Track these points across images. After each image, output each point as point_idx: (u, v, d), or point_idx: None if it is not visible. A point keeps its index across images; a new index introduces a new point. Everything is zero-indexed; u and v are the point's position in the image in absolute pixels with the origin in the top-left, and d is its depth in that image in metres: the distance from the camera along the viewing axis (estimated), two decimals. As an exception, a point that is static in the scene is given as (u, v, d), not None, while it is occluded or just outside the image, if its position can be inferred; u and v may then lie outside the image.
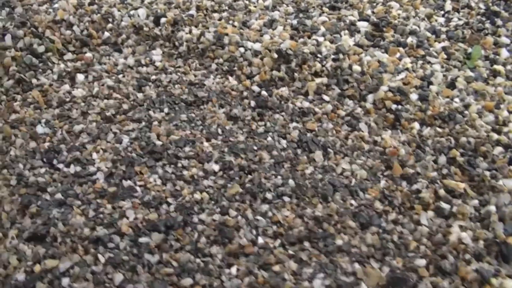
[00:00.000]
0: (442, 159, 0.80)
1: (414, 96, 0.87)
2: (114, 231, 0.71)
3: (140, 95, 0.92)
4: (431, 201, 0.75)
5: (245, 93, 0.93)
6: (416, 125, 0.85)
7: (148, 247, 0.69)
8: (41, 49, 0.98)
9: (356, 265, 0.67)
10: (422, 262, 0.67)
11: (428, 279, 0.66)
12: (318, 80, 0.92)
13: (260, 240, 0.70)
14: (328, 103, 0.89)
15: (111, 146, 0.82)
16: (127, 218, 0.72)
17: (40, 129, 0.85)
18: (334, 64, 0.92)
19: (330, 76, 0.92)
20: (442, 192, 0.75)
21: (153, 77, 0.96)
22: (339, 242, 0.70)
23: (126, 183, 0.77)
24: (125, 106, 0.90)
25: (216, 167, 0.79)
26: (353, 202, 0.75)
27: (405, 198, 0.76)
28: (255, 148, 0.83)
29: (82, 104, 0.90)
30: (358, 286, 0.65)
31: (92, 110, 0.89)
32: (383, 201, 0.76)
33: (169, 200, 0.75)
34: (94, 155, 0.81)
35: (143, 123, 0.87)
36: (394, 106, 0.87)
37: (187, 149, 0.82)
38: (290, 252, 0.69)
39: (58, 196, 0.75)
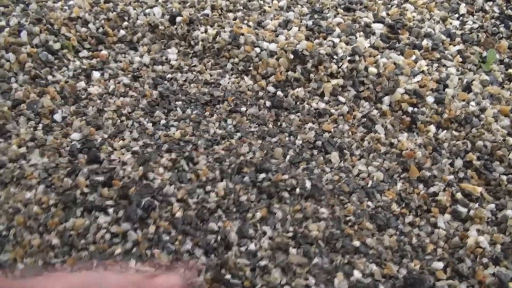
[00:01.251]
0: (459, 162, 0.80)
1: (430, 99, 0.88)
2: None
3: (155, 93, 0.92)
4: (448, 204, 0.75)
5: (260, 93, 0.93)
6: (432, 128, 0.85)
7: (165, 244, 0.70)
8: (56, 46, 0.98)
9: (374, 267, 0.68)
10: (439, 265, 0.68)
11: (445, 282, 0.66)
12: (334, 81, 0.92)
13: (278, 239, 0.71)
14: (344, 105, 0.89)
15: (126, 144, 0.82)
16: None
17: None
18: (350, 66, 0.92)
19: (346, 77, 0.92)
20: (459, 195, 0.76)
21: (169, 75, 0.96)
22: (356, 243, 0.70)
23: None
24: (141, 104, 0.90)
25: (232, 167, 0.79)
26: (369, 203, 0.76)
27: (422, 200, 0.76)
28: (271, 147, 0.83)
29: (98, 101, 0.91)
30: (376, 288, 0.66)
31: (108, 107, 0.89)
32: (400, 204, 0.76)
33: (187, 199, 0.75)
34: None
35: (160, 122, 0.87)
36: (410, 109, 0.87)
37: (203, 147, 0.82)
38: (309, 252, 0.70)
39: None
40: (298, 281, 0.66)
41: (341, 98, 0.91)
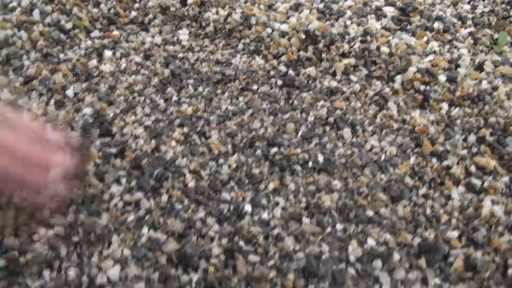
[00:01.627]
0: (472, 138, 0.80)
1: (442, 78, 0.87)
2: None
3: (167, 72, 0.92)
4: (461, 177, 0.75)
5: (272, 72, 0.93)
6: (445, 105, 0.85)
7: (177, 212, 0.70)
8: (68, 25, 0.98)
9: (388, 235, 0.67)
10: (454, 234, 0.67)
11: (460, 250, 0.66)
12: (345, 60, 0.92)
13: (291, 209, 0.70)
14: (356, 83, 0.89)
15: (139, 119, 0.83)
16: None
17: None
18: (362, 46, 0.92)
19: (357, 57, 0.92)
20: (472, 168, 0.75)
21: (180, 55, 0.96)
22: (370, 213, 0.70)
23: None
24: (153, 82, 0.90)
25: (244, 141, 0.79)
26: (383, 176, 0.75)
27: (436, 173, 0.75)
28: (283, 123, 0.83)
29: (110, 79, 0.91)
30: (391, 255, 0.65)
31: (120, 84, 0.89)
32: (413, 177, 0.76)
33: (199, 170, 0.75)
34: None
35: (172, 98, 0.87)
36: (422, 87, 0.87)
37: (214, 123, 0.82)
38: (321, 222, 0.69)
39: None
40: (312, 248, 0.65)
41: (353, 77, 0.91)
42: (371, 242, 0.67)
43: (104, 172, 0.74)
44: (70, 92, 0.87)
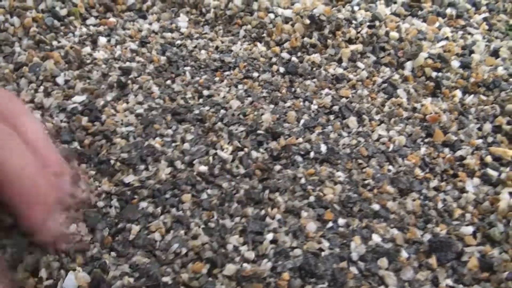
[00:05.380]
0: (487, 126, 0.74)
1: (455, 64, 0.82)
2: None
3: (163, 59, 0.87)
4: (476, 168, 0.69)
5: (274, 59, 0.88)
6: (458, 93, 0.79)
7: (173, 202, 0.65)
8: (63, 12, 0.94)
9: (395, 231, 0.62)
10: (468, 229, 0.61)
11: (475, 248, 0.60)
12: (352, 47, 0.87)
13: (290, 202, 0.65)
14: (363, 70, 0.84)
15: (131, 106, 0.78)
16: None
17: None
18: (370, 31, 0.87)
19: (365, 43, 0.87)
20: (488, 159, 0.69)
21: (178, 42, 0.91)
22: (375, 207, 0.64)
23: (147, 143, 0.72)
24: (147, 70, 0.85)
25: (242, 129, 0.74)
26: (390, 168, 0.70)
27: (448, 164, 0.70)
28: (284, 112, 0.78)
29: (103, 66, 0.86)
30: (399, 253, 0.59)
31: (114, 72, 0.84)
32: (424, 168, 0.70)
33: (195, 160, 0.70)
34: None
35: (167, 86, 0.82)
36: (434, 74, 0.82)
37: (211, 111, 0.77)
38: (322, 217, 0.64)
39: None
40: (311, 244, 0.60)
41: (360, 64, 0.85)
42: (376, 238, 0.61)
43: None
44: (60, 80, 0.82)
